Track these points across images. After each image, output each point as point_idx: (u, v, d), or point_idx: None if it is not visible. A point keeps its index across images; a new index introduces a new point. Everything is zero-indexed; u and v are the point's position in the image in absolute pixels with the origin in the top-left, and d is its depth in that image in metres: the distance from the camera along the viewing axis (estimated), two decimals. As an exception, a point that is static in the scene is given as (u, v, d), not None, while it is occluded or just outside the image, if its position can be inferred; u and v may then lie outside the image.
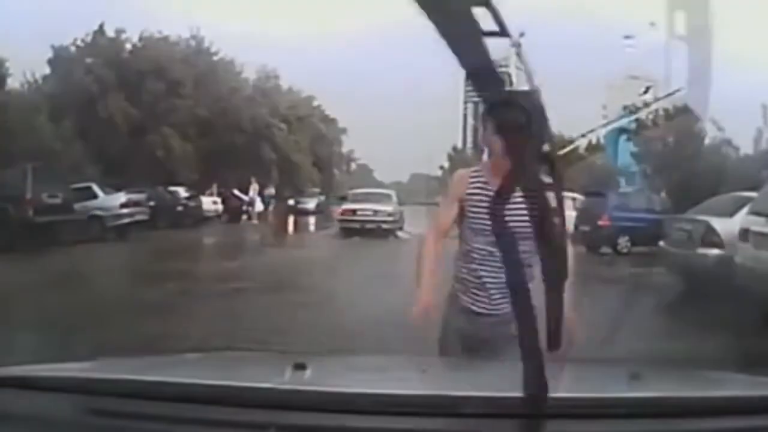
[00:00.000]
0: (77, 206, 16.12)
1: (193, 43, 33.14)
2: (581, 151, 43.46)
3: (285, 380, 1.26)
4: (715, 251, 8.18)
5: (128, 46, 31.55)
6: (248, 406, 1.13)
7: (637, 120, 39.83)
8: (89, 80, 29.01)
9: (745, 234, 7.28)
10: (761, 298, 6.61)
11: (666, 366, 3.33)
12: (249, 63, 35.78)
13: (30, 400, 1.19)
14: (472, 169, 2.53)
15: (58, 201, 15.15)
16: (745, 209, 7.69)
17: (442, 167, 71.03)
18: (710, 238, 8.32)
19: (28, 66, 28.87)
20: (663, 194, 23.07)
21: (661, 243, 9.79)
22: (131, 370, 1.20)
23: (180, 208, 21.73)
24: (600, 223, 15.57)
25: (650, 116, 38.97)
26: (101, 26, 31.02)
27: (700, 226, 8.62)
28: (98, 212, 17.07)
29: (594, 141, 45.42)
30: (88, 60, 29.71)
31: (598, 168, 41.69)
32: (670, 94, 32.26)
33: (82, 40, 30.73)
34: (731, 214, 8.06)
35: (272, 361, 1.72)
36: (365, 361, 1.88)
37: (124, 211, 17.66)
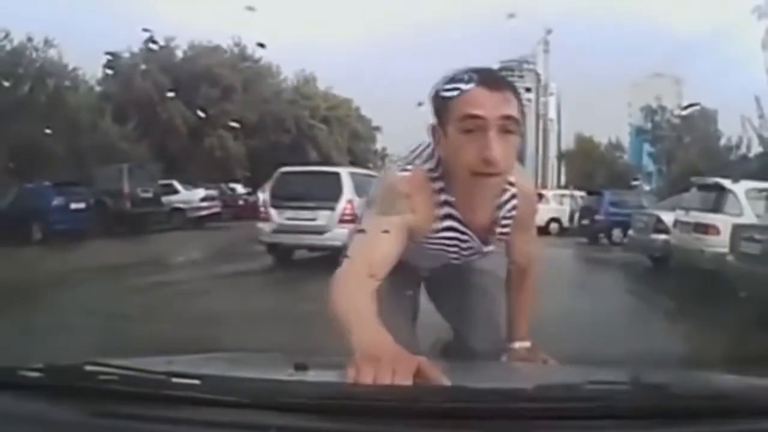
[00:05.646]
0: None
1: (236, 50, 35.16)
2: (602, 149, 45.59)
3: (286, 380, 1.21)
4: (663, 236, 10.71)
5: (179, 53, 33.69)
6: (249, 406, 1.10)
7: (654, 121, 41.55)
8: (147, 85, 30.94)
9: (675, 223, 10.02)
10: (686, 265, 9.39)
11: (666, 367, 3.48)
12: (287, 66, 38.11)
13: (29, 401, 1.17)
14: (425, 171, 1.60)
15: (149, 195, 18.51)
16: (684, 205, 10.39)
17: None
18: (658, 226, 10.93)
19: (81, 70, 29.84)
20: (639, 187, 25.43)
21: (630, 231, 12.50)
22: (130, 370, 1.16)
23: (241, 203, 24.15)
24: (597, 217, 18.14)
25: (666, 117, 40.72)
26: (152, 35, 31.67)
27: (652, 218, 11.30)
28: (180, 205, 20.15)
29: (614, 140, 47.44)
30: (143, 66, 31.43)
31: (619, 166, 43.70)
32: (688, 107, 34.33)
33: (139, 48, 32.20)
34: (674, 209, 10.56)
35: (273, 361, 1.62)
36: None
37: (203, 204, 20.76)
